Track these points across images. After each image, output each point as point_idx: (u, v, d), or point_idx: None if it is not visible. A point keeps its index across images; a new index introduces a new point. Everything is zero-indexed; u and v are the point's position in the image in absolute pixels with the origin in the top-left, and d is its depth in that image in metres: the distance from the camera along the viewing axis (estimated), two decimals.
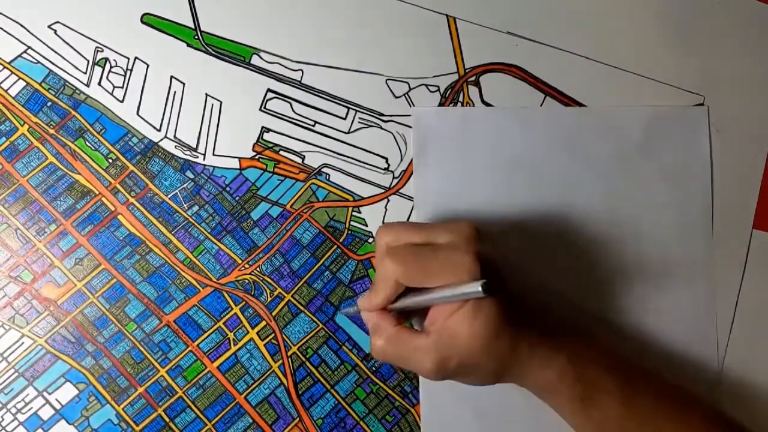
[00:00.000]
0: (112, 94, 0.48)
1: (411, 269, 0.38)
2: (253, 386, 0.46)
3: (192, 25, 0.48)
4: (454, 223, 0.40)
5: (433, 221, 0.48)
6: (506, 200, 0.48)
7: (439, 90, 0.49)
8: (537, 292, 0.47)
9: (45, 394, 0.46)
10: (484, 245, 0.39)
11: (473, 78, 0.49)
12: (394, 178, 0.48)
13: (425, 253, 0.39)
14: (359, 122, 0.49)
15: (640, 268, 0.48)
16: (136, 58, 0.48)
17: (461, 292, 0.37)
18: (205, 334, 0.47)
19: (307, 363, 0.47)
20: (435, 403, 0.47)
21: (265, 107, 0.48)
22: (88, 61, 0.48)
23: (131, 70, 0.48)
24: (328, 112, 0.48)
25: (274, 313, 0.47)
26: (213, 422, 0.46)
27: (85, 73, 0.48)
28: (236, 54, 0.48)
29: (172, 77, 0.48)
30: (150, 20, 0.48)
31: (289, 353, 0.47)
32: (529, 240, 0.48)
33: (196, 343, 0.46)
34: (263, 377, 0.47)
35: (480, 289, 0.35)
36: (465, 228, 0.39)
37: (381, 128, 0.49)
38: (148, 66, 0.48)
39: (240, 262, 0.47)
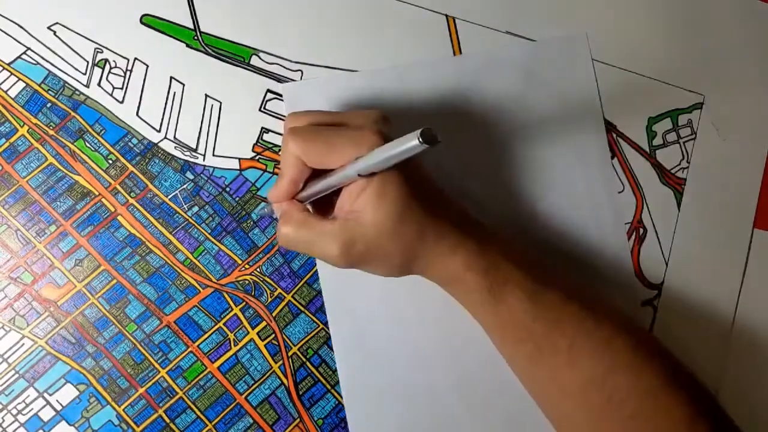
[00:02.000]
0: (111, 95, 0.48)
1: (314, 146, 0.38)
2: (254, 387, 0.46)
3: (191, 26, 0.48)
4: (361, 110, 0.42)
5: None
6: None
7: None
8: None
9: (45, 395, 0.46)
10: (392, 129, 0.39)
11: None
12: None
13: (328, 132, 0.39)
14: None
15: (546, 188, 0.49)
16: (135, 59, 0.48)
17: (400, 149, 0.33)
18: (206, 335, 0.47)
19: (308, 363, 0.47)
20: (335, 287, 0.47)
21: (264, 108, 0.48)
22: (88, 62, 0.48)
23: (131, 71, 0.48)
24: None
25: (274, 314, 0.47)
26: (213, 423, 0.46)
27: (85, 74, 0.48)
28: (236, 54, 0.48)
29: (171, 78, 0.48)
30: (149, 21, 0.48)
31: (290, 353, 0.47)
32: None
33: (197, 343, 0.46)
34: (264, 378, 0.47)
35: (418, 141, 0.31)
36: (372, 112, 0.40)
37: None
38: (147, 67, 0.48)
39: (240, 262, 0.47)
